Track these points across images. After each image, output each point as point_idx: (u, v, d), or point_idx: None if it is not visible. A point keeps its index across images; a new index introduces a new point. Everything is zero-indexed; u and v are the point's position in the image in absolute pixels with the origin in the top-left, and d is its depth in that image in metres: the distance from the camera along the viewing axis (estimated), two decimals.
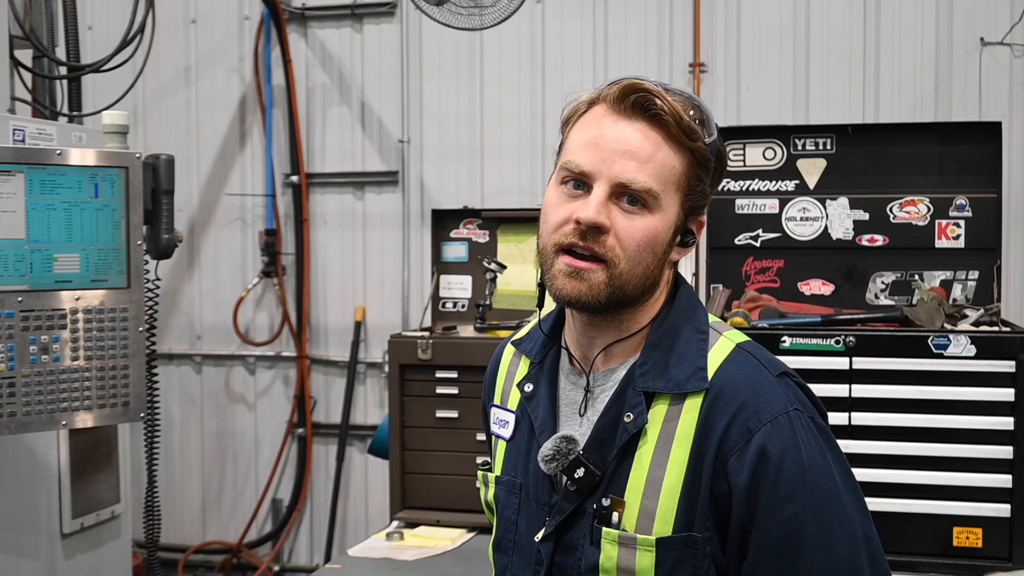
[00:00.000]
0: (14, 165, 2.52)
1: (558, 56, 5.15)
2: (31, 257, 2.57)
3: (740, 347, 1.53)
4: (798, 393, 1.50)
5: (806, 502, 1.43)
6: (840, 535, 1.44)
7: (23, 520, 3.11)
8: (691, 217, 1.54)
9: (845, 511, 1.46)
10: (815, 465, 1.44)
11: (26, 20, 3.50)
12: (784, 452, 1.43)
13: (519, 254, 4.18)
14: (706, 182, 1.53)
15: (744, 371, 1.49)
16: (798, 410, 1.46)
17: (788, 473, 1.43)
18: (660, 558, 1.46)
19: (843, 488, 1.47)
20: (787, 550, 1.43)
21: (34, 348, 2.57)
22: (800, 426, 1.45)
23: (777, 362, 1.54)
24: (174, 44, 5.64)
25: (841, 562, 1.44)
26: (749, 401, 1.46)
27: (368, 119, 5.49)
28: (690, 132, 1.49)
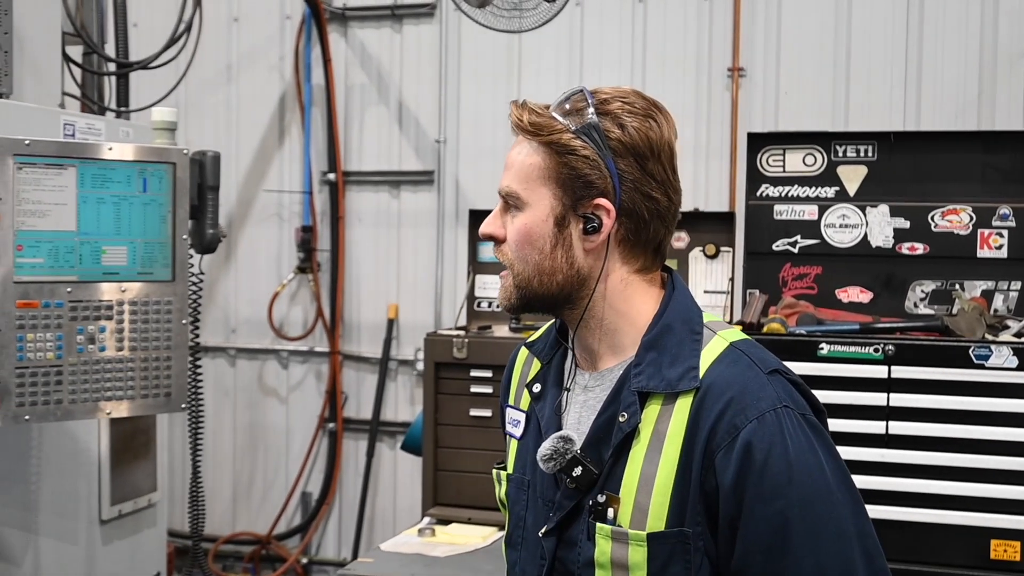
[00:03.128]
0: (67, 159, 2.57)
1: (596, 58, 5.15)
2: (81, 249, 2.61)
3: (733, 345, 1.54)
4: (789, 390, 1.50)
5: (793, 499, 1.43)
6: (829, 533, 1.45)
7: (64, 506, 3.16)
8: (582, 202, 1.55)
9: (835, 509, 1.46)
10: (803, 462, 1.45)
11: (77, 17, 3.56)
12: (770, 448, 1.44)
13: None
14: (587, 166, 1.53)
15: (734, 368, 1.50)
16: (787, 407, 1.47)
17: (774, 470, 1.44)
18: (652, 553, 1.49)
19: (835, 486, 1.47)
20: (774, 547, 1.44)
21: (81, 338, 2.61)
22: (788, 423, 1.46)
23: (770, 359, 1.54)
24: (217, 42, 5.70)
25: (831, 560, 1.44)
26: (736, 397, 1.47)
27: (405, 119, 5.52)
28: (537, 129, 1.54)
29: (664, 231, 1.58)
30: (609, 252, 1.56)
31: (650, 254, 1.59)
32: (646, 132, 1.54)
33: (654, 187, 1.54)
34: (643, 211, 1.54)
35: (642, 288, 1.59)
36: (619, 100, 1.55)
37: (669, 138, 1.57)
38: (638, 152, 1.53)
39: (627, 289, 1.58)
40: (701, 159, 4.95)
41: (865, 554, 1.47)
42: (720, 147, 4.92)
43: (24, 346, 2.51)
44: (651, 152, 1.54)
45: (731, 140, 4.88)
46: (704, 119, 4.97)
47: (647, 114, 1.55)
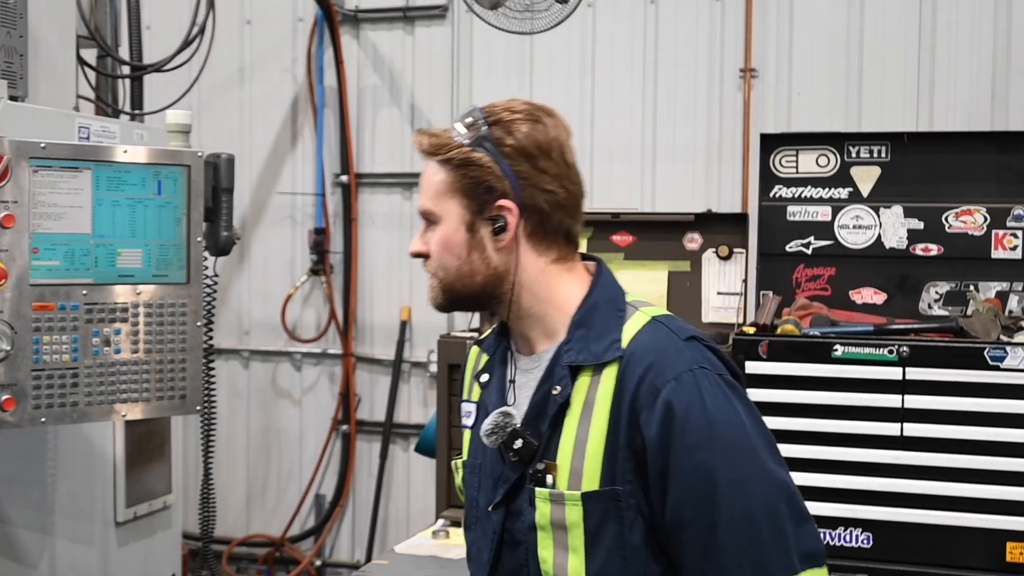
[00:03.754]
0: (82, 162, 2.57)
1: (608, 59, 5.15)
2: (96, 251, 2.61)
3: (654, 319, 1.68)
4: (706, 354, 1.64)
5: (715, 449, 1.55)
6: (754, 478, 1.56)
7: (80, 508, 3.17)
8: (486, 206, 1.69)
9: (757, 455, 1.57)
10: (722, 415, 1.57)
11: (91, 20, 3.57)
12: (689, 405, 1.56)
13: None
14: (485, 173, 1.67)
15: (653, 337, 1.64)
16: (703, 367, 1.60)
17: (694, 424, 1.55)
18: (587, 511, 1.61)
19: (754, 436, 1.59)
20: (703, 496, 1.55)
21: (96, 340, 2.61)
22: (706, 382, 1.59)
23: (688, 328, 1.68)
24: (229, 45, 5.71)
25: (756, 503, 1.55)
26: (656, 362, 1.60)
27: (418, 120, 5.52)
28: (437, 148, 1.71)
29: (569, 220, 1.72)
30: (520, 247, 1.70)
31: (562, 243, 1.73)
32: (534, 135, 1.68)
33: (549, 181, 1.68)
34: (543, 204, 1.68)
35: (562, 276, 1.73)
36: (507, 111, 1.70)
37: (558, 136, 1.71)
38: (528, 153, 1.67)
39: (547, 278, 1.72)
40: (713, 160, 4.95)
41: (788, 498, 1.58)
42: (732, 148, 4.92)
43: (40, 348, 2.52)
44: (540, 151, 1.68)
45: (743, 141, 4.87)
46: (716, 120, 4.96)
47: (534, 119, 1.69)
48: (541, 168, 1.68)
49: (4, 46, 2.87)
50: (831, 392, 3.13)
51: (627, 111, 5.11)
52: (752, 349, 3.19)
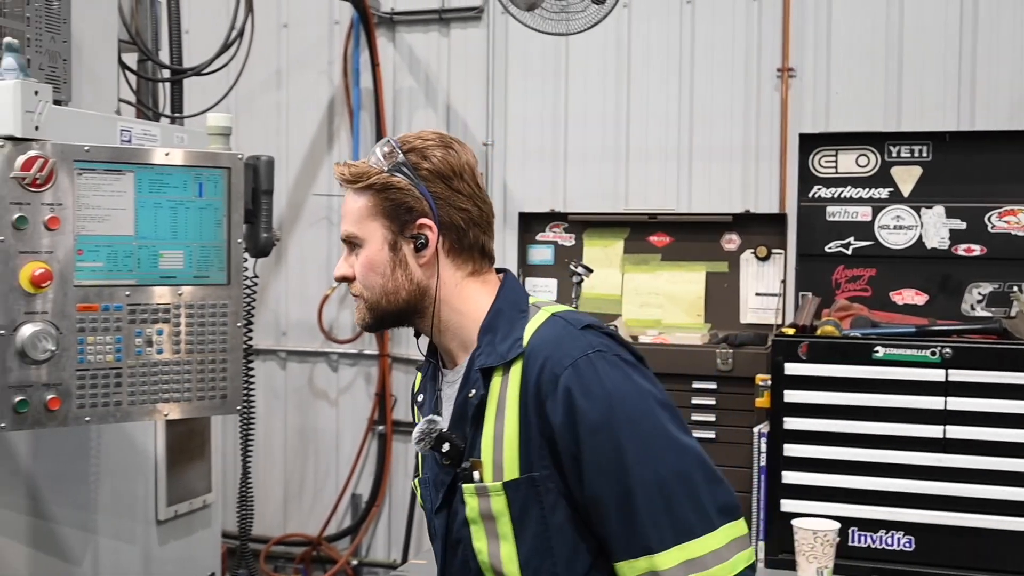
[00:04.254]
0: (125, 165, 2.60)
1: (644, 60, 5.14)
2: (139, 253, 2.64)
3: (553, 315, 1.79)
4: (601, 339, 1.73)
5: (619, 423, 1.65)
6: (661, 446, 1.66)
7: (121, 506, 3.20)
8: (407, 226, 1.83)
9: (661, 425, 1.67)
10: (621, 390, 1.67)
11: (132, 24, 3.61)
12: (588, 386, 1.66)
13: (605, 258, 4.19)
14: (404, 195, 1.82)
15: (551, 330, 1.75)
16: (599, 351, 1.70)
17: (595, 404, 1.65)
18: (510, 499, 1.73)
19: (657, 407, 1.69)
20: (614, 469, 1.64)
21: (139, 340, 2.64)
22: (602, 363, 1.69)
23: (585, 319, 1.78)
24: (266, 47, 5.75)
25: (667, 468, 1.64)
26: (552, 352, 1.71)
27: (453, 122, 5.54)
28: (358, 176, 1.85)
29: (483, 235, 1.86)
30: (440, 262, 1.84)
31: (477, 258, 1.87)
32: (447, 158, 1.83)
33: (463, 200, 1.83)
34: (459, 222, 1.83)
35: (476, 288, 1.86)
36: (419, 139, 1.85)
37: (468, 160, 1.86)
38: (443, 175, 1.82)
39: (462, 292, 1.85)
40: (751, 160, 4.92)
41: (698, 461, 1.67)
42: (769, 148, 4.89)
43: (84, 348, 2.55)
44: (454, 173, 1.83)
45: (780, 141, 4.84)
46: (753, 120, 4.93)
47: (445, 145, 1.85)
48: (455, 188, 1.82)
49: (48, 51, 2.90)
50: (872, 394, 3.11)
51: (663, 112, 5.09)
52: (791, 350, 3.17)
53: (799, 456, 3.29)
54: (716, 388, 3.92)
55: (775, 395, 3.28)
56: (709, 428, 3.94)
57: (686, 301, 4.28)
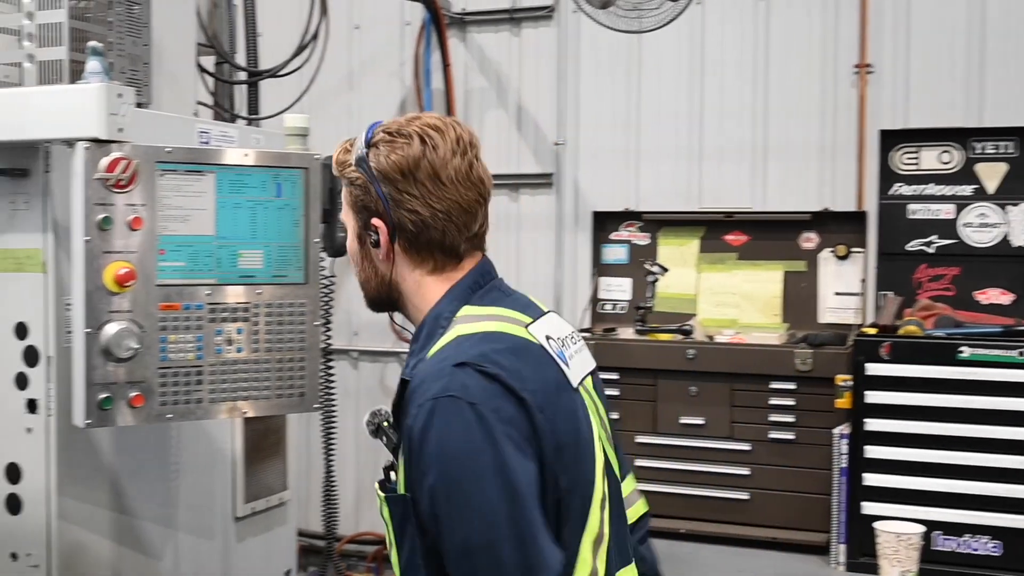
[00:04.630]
0: (205, 165, 2.63)
1: (718, 58, 5.08)
2: (219, 253, 2.68)
3: (457, 338, 1.72)
4: (465, 380, 1.64)
5: (441, 478, 1.61)
6: (475, 513, 1.60)
7: (201, 502, 3.25)
8: (366, 223, 1.82)
9: (483, 492, 1.59)
10: (454, 446, 1.61)
11: (210, 27, 3.66)
12: (425, 432, 1.62)
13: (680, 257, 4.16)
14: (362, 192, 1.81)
15: (431, 362, 1.70)
16: (453, 396, 1.62)
17: (427, 451, 1.62)
18: (391, 511, 1.72)
19: (487, 471, 1.60)
20: (435, 516, 1.63)
21: (219, 339, 2.67)
22: (447, 411, 1.61)
23: (474, 349, 1.68)
24: (338, 49, 5.78)
25: (476, 537, 1.59)
26: (416, 387, 1.67)
27: (524, 122, 5.53)
28: (337, 165, 1.86)
29: (440, 235, 1.78)
30: (397, 260, 1.82)
31: (437, 256, 1.81)
32: (395, 160, 1.76)
33: (411, 202, 1.76)
34: (408, 224, 1.78)
35: (435, 287, 1.82)
36: (385, 133, 1.80)
37: (426, 156, 1.76)
38: (390, 177, 1.77)
39: (421, 289, 1.82)
40: (827, 158, 4.84)
41: (516, 537, 1.59)
42: (847, 145, 4.80)
43: (166, 347, 2.59)
44: (402, 175, 1.76)
45: (858, 138, 4.75)
46: (830, 117, 4.86)
47: (405, 141, 1.77)
48: (403, 190, 1.77)
49: (130, 54, 2.95)
50: (956, 395, 3.04)
51: (737, 110, 5.03)
52: (873, 351, 3.11)
53: (881, 458, 3.23)
54: (795, 389, 3.86)
55: (856, 396, 3.22)
56: (788, 429, 3.88)
57: (763, 300, 4.23)
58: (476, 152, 1.83)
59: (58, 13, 2.75)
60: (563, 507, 1.68)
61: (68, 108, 2.53)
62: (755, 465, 3.90)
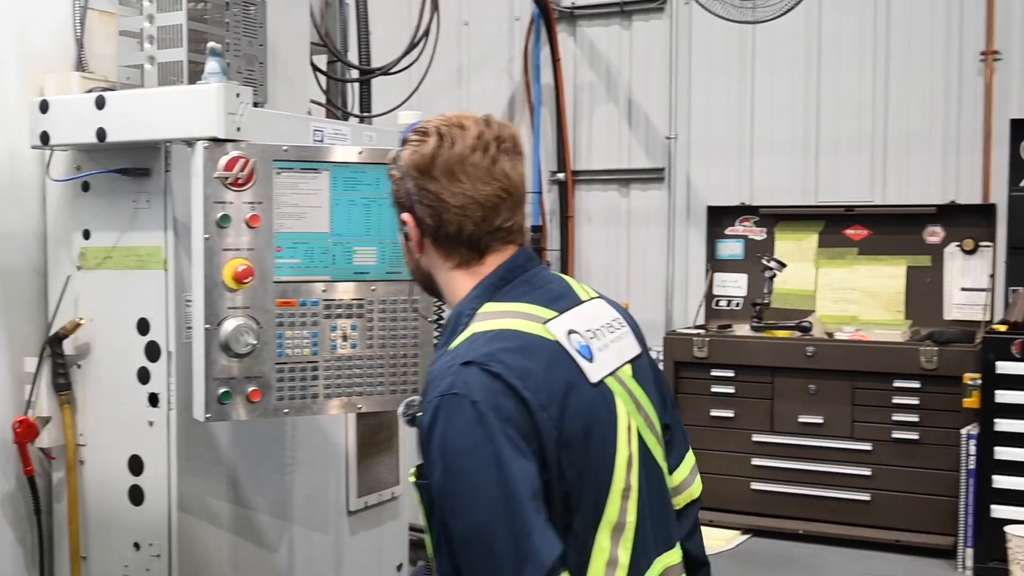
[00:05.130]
0: (321, 163, 2.66)
1: (835, 49, 4.96)
2: (334, 250, 2.70)
3: (472, 336, 1.76)
4: (468, 379, 1.69)
5: (443, 471, 1.68)
6: (472, 505, 1.66)
7: (315, 496, 3.28)
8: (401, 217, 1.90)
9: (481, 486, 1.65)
10: (456, 441, 1.67)
11: (322, 26, 3.70)
12: (430, 428, 1.69)
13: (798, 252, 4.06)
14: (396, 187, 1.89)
15: (445, 358, 1.75)
16: (457, 394, 1.68)
17: (432, 445, 1.69)
18: (421, 497, 1.79)
19: (485, 466, 1.65)
20: (442, 507, 1.71)
21: (334, 335, 2.69)
22: (451, 408, 1.68)
23: (481, 349, 1.73)
24: (447, 46, 5.80)
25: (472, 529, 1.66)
26: (428, 384, 1.74)
27: (635, 116, 5.47)
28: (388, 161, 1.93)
29: (456, 229, 1.83)
30: (429, 253, 1.89)
31: (462, 250, 1.86)
32: (413, 158, 1.83)
33: (431, 199, 1.83)
34: (427, 218, 1.84)
35: (463, 280, 1.87)
36: (415, 132, 1.86)
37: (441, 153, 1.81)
38: (411, 174, 1.84)
39: (451, 282, 1.89)
40: (951, 149, 4.67)
41: (509, 530, 1.64)
42: (972, 136, 4.63)
43: (283, 343, 2.61)
44: (420, 171, 1.83)
45: (984, 128, 4.57)
46: (954, 107, 4.69)
47: (420, 140, 1.84)
48: (421, 185, 1.83)
49: (246, 55, 2.99)
50: None
51: (856, 102, 4.90)
52: (1004, 348, 2.99)
53: (1012, 460, 3.10)
54: (919, 387, 3.75)
55: (985, 395, 3.10)
56: (912, 429, 3.76)
57: (885, 296, 4.11)
58: (505, 149, 1.84)
59: (177, 15, 2.80)
60: (572, 499, 1.73)
61: (188, 108, 2.57)
62: (877, 466, 3.79)
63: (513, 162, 1.85)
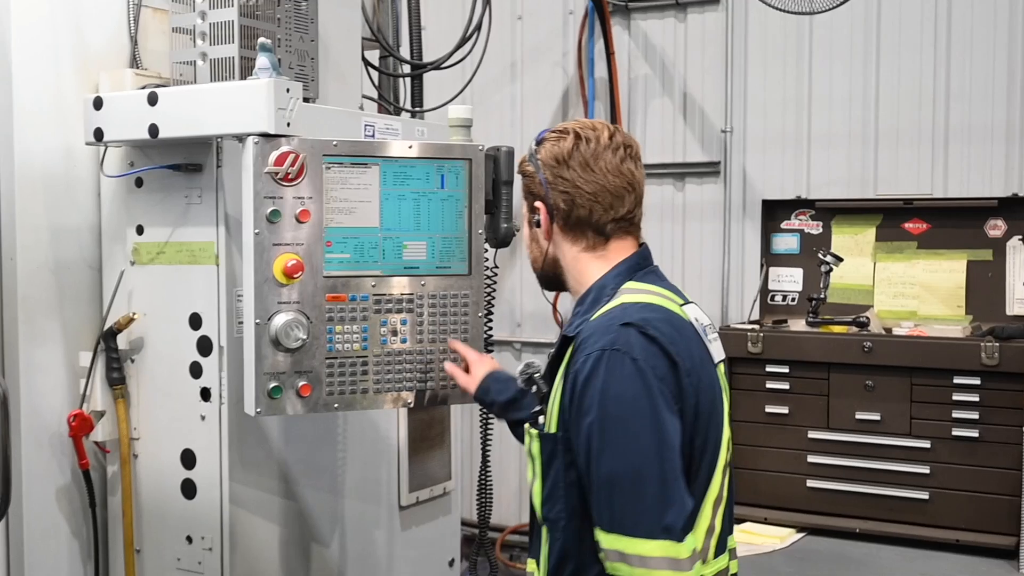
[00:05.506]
0: (370, 158, 2.65)
1: (894, 40, 4.86)
2: (383, 244, 2.69)
3: (622, 304, 1.99)
4: (629, 338, 1.92)
5: (600, 416, 1.88)
6: (625, 448, 1.86)
7: (368, 491, 3.30)
8: (532, 207, 2.17)
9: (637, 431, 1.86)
10: (614, 392, 1.88)
11: (374, 21, 3.70)
12: (589, 377, 1.91)
13: (855, 246, 3.98)
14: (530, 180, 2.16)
15: (599, 320, 1.98)
16: (618, 350, 1.90)
17: (589, 392, 1.90)
18: (542, 447, 2.04)
19: (642, 414, 1.87)
20: (589, 450, 1.90)
21: (384, 330, 2.69)
22: (611, 361, 1.89)
23: (638, 315, 1.96)
24: (501, 40, 5.80)
25: (622, 470, 1.86)
26: (585, 340, 1.96)
27: (690, 109, 5.41)
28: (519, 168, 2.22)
29: (587, 213, 2.09)
30: (556, 238, 2.15)
31: (590, 235, 2.11)
32: (553, 151, 2.12)
33: (565, 184, 2.10)
34: (562, 204, 2.11)
35: (591, 262, 2.13)
36: (552, 132, 2.16)
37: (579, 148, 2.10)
38: (549, 164, 2.12)
39: (578, 264, 2.14)
40: (1014, 140, 4.56)
41: (660, 476, 1.85)
42: None
43: (333, 337, 2.62)
44: (558, 162, 2.11)
45: None
46: (1017, 97, 4.58)
47: (559, 136, 2.13)
48: (557, 175, 2.11)
49: (297, 50, 3.00)
50: None
51: (916, 92, 4.80)
52: None
53: None
54: (980, 384, 3.66)
55: None
56: (972, 426, 3.68)
57: (945, 291, 4.02)
58: (630, 154, 2.11)
59: (229, 12, 2.81)
60: (693, 464, 1.95)
61: (238, 104, 2.58)
62: (936, 463, 3.72)
63: (636, 164, 2.12)
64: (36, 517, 2.88)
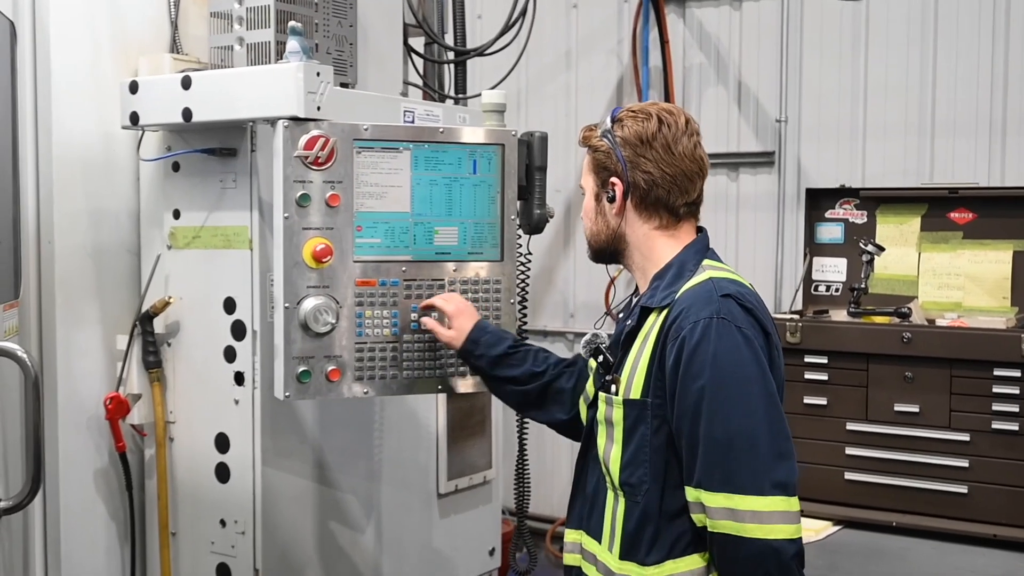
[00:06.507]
0: (402, 142, 2.64)
1: (952, 28, 4.74)
2: (414, 230, 2.68)
3: (712, 279, 2.09)
4: (731, 308, 2.02)
5: (712, 379, 1.96)
6: (737, 409, 1.95)
7: (406, 478, 3.29)
8: (604, 182, 2.23)
9: (747, 393, 1.96)
10: (724, 355, 1.97)
11: (419, 9, 3.69)
12: (699, 343, 1.99)
13: (899, 236, 3.88)
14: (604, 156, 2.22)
15: (697, 291, 2.07)
16: (723, 318, 2.00)
17: (699, 358, 1.98)
18: (626, 413, 2.12)
19: (750, 378, 1.97)
20: (696, 413, 1.98)
21: (415, 315, 2.68)
22: (719, 328, 1.99)
23: (731, 287, 2.07)
24: (555, 29, 5.77)
25: (737, 428, 1.94)
26: (687, 308, 2.04)
27: (744, 99, 5.33)
28: (584, 139, 2.28)
29: (666, 194, 2.17)
30: (628, 215, 2.22)
31: (664, 214, 2.19)
32: (637, 129, 2.17)
33: (646, 164, 2.16)
34: (641, 182, 2.17)
35: (662, 241, 2.21)
36: (628, 112, 2.21)
37: (661, 132, 2.16)
38: (631, 143, 2.18)
39: (649, 241, 2.21)
40: None
41: (771, 434, 1.94)
42: None
43: (363, 323, 2.61)
44: (641, 142, 2.17)
45: None
46: None
47: (644, 117, 2.18)
48: (640, 155, 2.17)
49: (336, 35, 3.00)
50: None
51: (973, 80, 4.67)
52: None
53: None
54: (1021, 376, 3.54)
55: None
56: (1013, 420, 3.56)
57: (990, 282, 3.90)
58: (700, 140, 2.20)
59: None
60: None
61: (268, 88, 2.59)
62: (975, 457, 3.61)
63: (704, 150, 2.21)
64: (74, 499, 2.92)
